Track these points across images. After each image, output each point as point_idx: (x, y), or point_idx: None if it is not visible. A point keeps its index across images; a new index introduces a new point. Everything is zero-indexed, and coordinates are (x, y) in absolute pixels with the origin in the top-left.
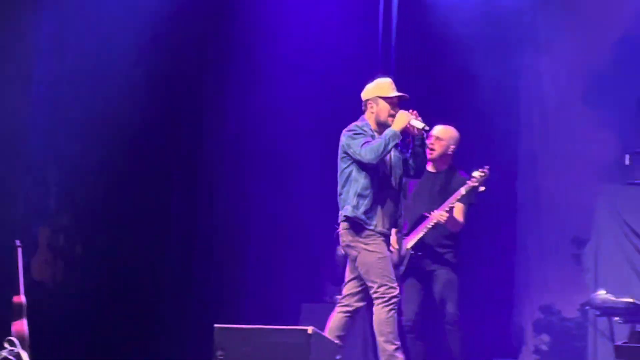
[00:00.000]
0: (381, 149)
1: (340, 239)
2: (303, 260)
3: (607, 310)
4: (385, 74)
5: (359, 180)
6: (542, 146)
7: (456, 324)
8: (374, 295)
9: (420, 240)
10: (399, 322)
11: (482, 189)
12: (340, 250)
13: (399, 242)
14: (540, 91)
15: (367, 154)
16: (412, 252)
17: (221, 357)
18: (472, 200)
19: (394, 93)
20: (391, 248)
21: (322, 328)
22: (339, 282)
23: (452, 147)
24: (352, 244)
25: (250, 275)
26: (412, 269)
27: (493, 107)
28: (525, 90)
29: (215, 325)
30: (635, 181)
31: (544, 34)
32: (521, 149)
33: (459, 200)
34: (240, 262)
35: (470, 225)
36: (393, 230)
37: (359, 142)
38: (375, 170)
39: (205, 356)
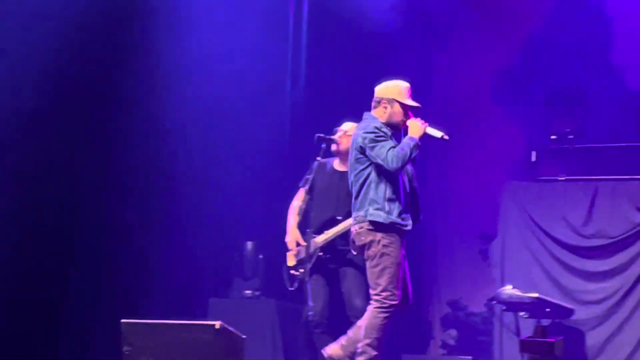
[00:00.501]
0: (407, 159)
1: (358, 238)
2: (211, 255)
3: (513, 305)
4: (294, 75)
5: (384, 185)
6: (450, 142)
7: None
8: (374, 298)
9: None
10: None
11: None
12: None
13: (308, 240)
14: (450, 88)
15: (394, 163)
16: (321, 253)
17: (128, 353)
18: None
19: (411, 102)
20: (300, 242)
21: (231, 322)
22: (248, 277)
23: None
24: (372, 244)
25: (158, 270)
26: (319, 265)
27: None
28: (436, 87)
29: (122, 320)
30: (542, 177)
31: (453, 32)
32: (430, 145)
33: None
34: (148, 256)
35: None
36: (292, 225)
37: (384, 146)
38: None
39: (112, 351)
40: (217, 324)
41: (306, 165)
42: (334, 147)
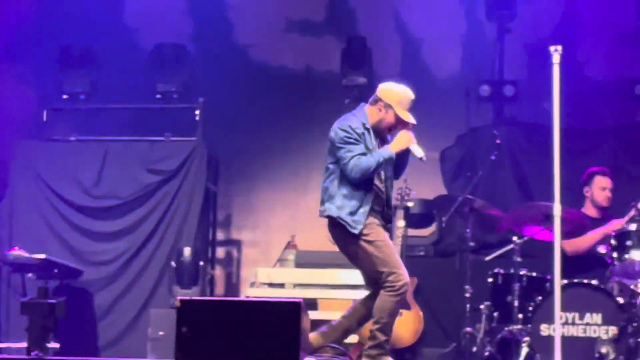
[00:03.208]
0: (371, 170)
1: (330, 236)
2: None
3: (20, 267)
4: None
5: (346, 182)
6: None
7: None
8: (382, 286)
9: None
10: None
11: None
12: None
13: None
14: None
15: (354, 172)
16: None
17: None
18: None
19: (407, 116)
20: None
21: None
22: None
23: None
24: (345, 242)
25: None
26: None
27: None
28: None
29: None
30: (53, 137)
31: None
32: None
33: None
34: None
35: None
36: None
37: (351, 150)
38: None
39: None
40: None
41: None
42: None
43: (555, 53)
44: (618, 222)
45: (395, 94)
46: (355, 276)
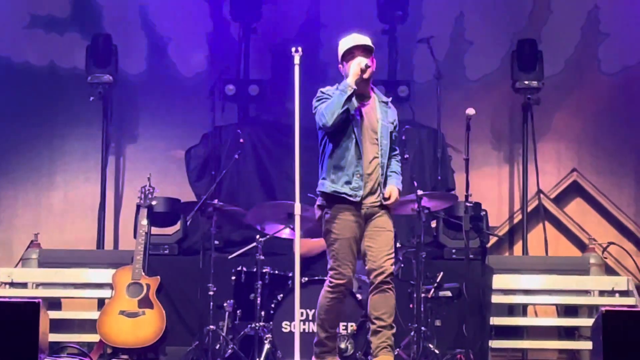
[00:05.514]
0: (332, 107)
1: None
2: None
3: None
4: None
5: (334, 153)
6: None
7: None
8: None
9: None
10: None
11: None
12: None
13: None
14: None
15: (322, 119)
16: None
17: None
18: None
19: (350, 44)
20: None
21: None
22: None
23: None
24: (321, 221)
25: None
26: None
27: None
28: None
29: None
30: None
31: None
32: None
33: None
34: None
35: None
36: None
37: (320, 107)
38: (348, 140)
39: None
40: None
41: None
42: None
43: (296, 54)
44: None
45: (340, 44)
46: (99, 275)
